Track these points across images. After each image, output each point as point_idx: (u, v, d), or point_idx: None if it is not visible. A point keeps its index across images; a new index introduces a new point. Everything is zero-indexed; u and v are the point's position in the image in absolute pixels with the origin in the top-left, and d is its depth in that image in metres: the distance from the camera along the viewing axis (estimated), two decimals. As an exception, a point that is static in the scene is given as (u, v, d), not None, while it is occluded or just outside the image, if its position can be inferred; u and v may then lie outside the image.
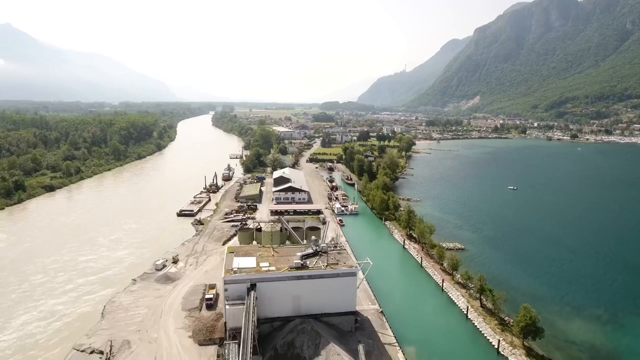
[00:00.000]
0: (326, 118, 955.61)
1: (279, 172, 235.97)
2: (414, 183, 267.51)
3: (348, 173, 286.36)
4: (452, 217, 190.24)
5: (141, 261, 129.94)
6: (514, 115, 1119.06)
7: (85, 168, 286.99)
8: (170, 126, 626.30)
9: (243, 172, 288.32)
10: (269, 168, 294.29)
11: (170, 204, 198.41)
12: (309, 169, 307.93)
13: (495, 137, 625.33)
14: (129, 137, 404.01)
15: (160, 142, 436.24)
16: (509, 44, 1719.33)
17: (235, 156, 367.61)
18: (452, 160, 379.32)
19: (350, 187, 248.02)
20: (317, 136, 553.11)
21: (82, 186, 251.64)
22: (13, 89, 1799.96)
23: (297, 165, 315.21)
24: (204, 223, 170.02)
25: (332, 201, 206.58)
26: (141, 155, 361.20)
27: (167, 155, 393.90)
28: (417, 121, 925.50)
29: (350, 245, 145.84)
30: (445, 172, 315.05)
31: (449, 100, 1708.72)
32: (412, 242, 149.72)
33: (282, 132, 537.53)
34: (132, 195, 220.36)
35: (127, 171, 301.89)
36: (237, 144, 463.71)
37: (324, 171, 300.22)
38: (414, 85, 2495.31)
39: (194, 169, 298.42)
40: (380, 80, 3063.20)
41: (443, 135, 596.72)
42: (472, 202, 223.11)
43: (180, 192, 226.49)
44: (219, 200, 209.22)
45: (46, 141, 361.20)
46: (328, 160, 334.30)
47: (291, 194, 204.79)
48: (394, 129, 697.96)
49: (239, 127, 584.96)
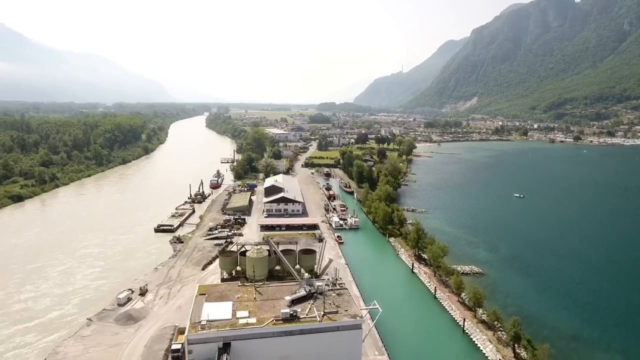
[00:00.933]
0: (323, 119, 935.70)
1: (271, 180, 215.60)
2: (417, 191, 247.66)
3: (346, 180, 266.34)
4: (462, 231, 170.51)
5: (102, 293, 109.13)
6: (513, 117, 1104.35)
7: (62, 175, 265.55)
8: (161, 128, 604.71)
9: (233, 178, 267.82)
10: (261, 174, 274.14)
11: (149, 217, 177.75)
12: (304, 174, 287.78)
13: (497, 140, 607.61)
14: (114, 141, 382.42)
15: (148, 145, 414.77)
16: (507, 45, 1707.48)
17: (226, 160, 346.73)
18: (455, 165, 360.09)
19: (349, 196, 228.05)
20: (313, 138, 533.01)
21: (56, 195, 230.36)
22: (8, 90, 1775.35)
23: (291, 171, 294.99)
24: (184, 241, 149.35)
25: (329, 213, 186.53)
26: (126, 159, 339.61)
27: (154, 159, 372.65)
28: (415, 122, 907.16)
29: (350, 269, 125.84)
30: (449, 178, 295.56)
31: (446, 101, 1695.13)
32: (422, 264, 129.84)
33: (277, 134, 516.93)
34: (107, 207, 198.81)
35: (108, 178, 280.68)
36: (230, 147, 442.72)
37: (320, 177, 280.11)
38: (411, 86, 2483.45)
39: (180, 175, 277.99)
40: (377, 81, 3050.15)
41: (443, 138, 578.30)
42: (481, 213, 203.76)
43: (162, 202, 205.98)
44: (204, 212, 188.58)
45: (24, 145, 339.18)
46: (325, 165, 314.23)
47: (284, 205, 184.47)
48: (392, 130, 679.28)
49: (232, 129, 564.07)
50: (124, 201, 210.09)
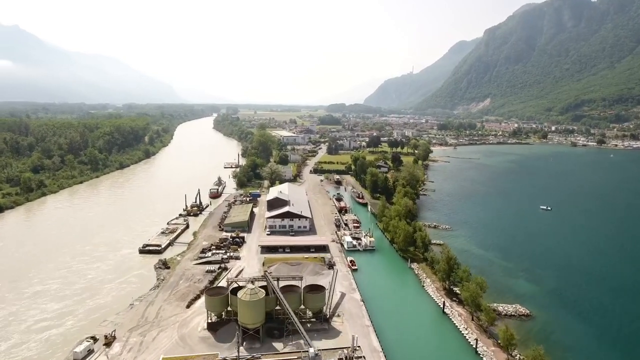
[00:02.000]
0: (332, 121, 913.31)
1: (275, 191, 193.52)
2: (437, 202, 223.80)
3: (359, 188, 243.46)
4: (494, 254, 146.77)
5: (55, 345, 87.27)
6: (528, 118, 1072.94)
7: (51, 181, 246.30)
8: (166, 130, 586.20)
9: (236, 186, 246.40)
10: (265, 182, 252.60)
11: (135, 234, 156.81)
12: (312, 182, 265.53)
13: (515, 143, 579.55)
14: (113, 143, 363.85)
15: (149, 148, 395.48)
16: (520, 45, 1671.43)
17: (230, 165, 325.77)
18: (475, 171, 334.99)
19: (361, 208, 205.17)
20: (322, 141, 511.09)
21: (41, 205, 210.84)
22: (20, 91, 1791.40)
23: (299, 178, 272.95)
24: (171, 266, 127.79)
25: (340, 229, 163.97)
26: (124, 164, 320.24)
27: (155, 163, 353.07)
28: (428, 124, 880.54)
29: (366, 307, 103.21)
30: (470, 186, 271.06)
31: (458, 103, 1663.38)
32: (455, 302, 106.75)
33: (285, 136, 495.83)
34: (91, 220, 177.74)
35: (101, 184, 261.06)
36: (235, 150, 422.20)
37: (330, 185, 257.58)
38: (421, 87, 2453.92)
39: (179, 182, 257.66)
40: (387, 82, 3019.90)
41: (459, 141, 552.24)
42: (509, 229, 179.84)
43: (153, 214, 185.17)
44: (199, 228, 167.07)
45: (18, 148, 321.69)
46: (335, 171, 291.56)
47: (289, 220, 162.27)
48: (404, 133, 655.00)
49: (238, 131, 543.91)
50: (111, 213, 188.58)
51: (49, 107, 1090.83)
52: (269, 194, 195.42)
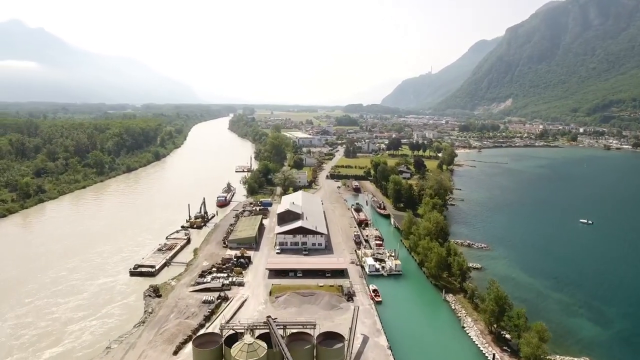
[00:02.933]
0: (350, 122, 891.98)
1: (287, 200, 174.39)
2: (467, 213, 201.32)
3: (379, 197, 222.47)
4: (544, 282, 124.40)
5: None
6: (553, 119, 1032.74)
7: (53, 186, 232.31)
8: (179, 130, 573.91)
9: (246, 193, 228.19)
10: (278, 188, 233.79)
11: (128, 251, 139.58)
12: (329, 189, 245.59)
13: (543, 145, 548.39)
14: (122, 145, 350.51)
15: (159, 150, 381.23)
16: (544, 44, 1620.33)
17: (242, 169, 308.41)
18: (504, 177, 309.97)
19: (383, 220, 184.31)
20: (339, 143, 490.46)
21: (39, 212, 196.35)
22: (45, 91, 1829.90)
23: (314, 184, 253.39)
24: (163, 293, 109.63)
25: (360, 248, 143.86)
26: (131, 167, 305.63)
27: (164, 166, 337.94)
28: (448, 126, 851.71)
29: (394, 357, 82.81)
30: (502, 195, 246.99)
31: (478, 103, 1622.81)
32: (506, 351, 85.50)
33: (301, 138, 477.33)
34: (81, 234, 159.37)
35: (104, 190, 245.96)
36: (249, 152, 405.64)
37: (348, 193, 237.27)
38: (440, 87, 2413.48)
39: (187, 187, 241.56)
40: (405, 82, 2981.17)
41: (483, 143, 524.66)
42: (553, 248, 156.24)
43: (153, 226, 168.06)
44: (201, 243, 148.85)
45: (24, 150, 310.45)
46: (353, 177, 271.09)
47: (302, 237, 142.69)
48: (425, 134, 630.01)
49: (252, 132, 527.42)
50: (106, 225, 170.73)
51: (69, 107, 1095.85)
52: (281, 204, 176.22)
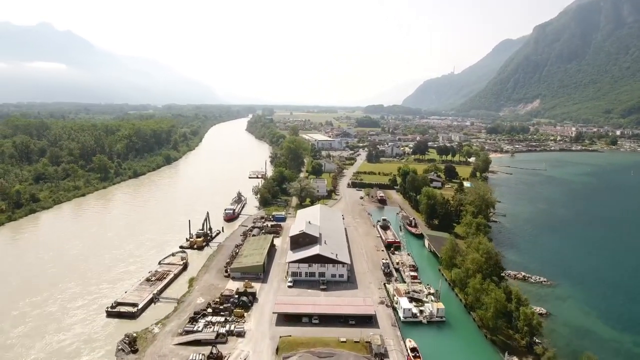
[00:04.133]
0: (371, 123, 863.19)
1: (303, 217, 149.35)
2: (514, 233, 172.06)
3: (408, 210, 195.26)
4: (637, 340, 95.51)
5: None
6: (584, 121, 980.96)
7: (48, 194, 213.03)
8: (195, 132, 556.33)
9: (258, 204, 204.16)
10: (294, 199, 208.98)
11: (110, 283, 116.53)
12: (351, 199, 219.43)
13: (581, 150, 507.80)
14: (131, 148, 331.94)
15: (171, 153, 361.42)
16: (574, 42, 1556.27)
17: (256, 174, 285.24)
18: (548, 187, 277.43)
19: (415, 241, 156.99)
20: (361, 146, 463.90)
21: (26, 225, 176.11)
22: (72, 92, 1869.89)
23: (335, 193, 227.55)
24: (140, 345, 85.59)
25: (391, 280, 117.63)
26: (138, 171, 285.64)
27: (174, 171, 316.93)
28: (474, 127, 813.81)
29: None
30: (551, 209, 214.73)
31: (504, 104, 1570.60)
32: None
33: (320, 141, 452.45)
34: (59, 257, 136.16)
35: (106, 198, 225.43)
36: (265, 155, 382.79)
37: (372, 204, 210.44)
38: (463, 87, 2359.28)
39: (194, 196, 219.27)
40: (427, 83, 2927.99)
41: (515, 147, 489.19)
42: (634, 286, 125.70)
43: (148, 246, 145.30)
44: (199, 272, 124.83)
45: (28, 153, 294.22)
46: (377, 185, 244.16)
47: (319, 266, 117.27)
48: (450, 136, 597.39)
49: (270, 134, 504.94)
50: (88, 247, 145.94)
51: (92, 107, 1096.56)
52: (295, 221, 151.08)
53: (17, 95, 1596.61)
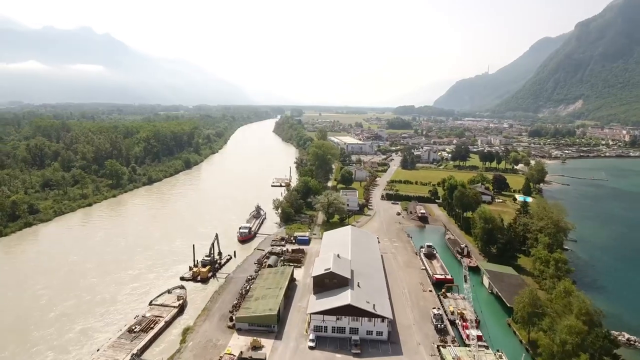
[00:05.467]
0: (402, 125, 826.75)
1: (329, 244, 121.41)
2: (592, 266, 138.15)
3: (456, 232, 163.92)
4: None
5: None
6: (634, 124, 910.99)
7: (52, 204, 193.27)
8: (220, 134, 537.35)
9: (280, 219, 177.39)
10: (320, 214, 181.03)
11: (82, 335, 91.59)
12: (386, 215, 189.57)
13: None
14: (149, 151, 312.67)
15: (192, 157, 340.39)
16: (620, 40, 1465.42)
17: (279, 182, 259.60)
18: (615, 202, 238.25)
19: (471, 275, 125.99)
20: (393, 150, 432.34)
21: (18, 241, 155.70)
22: (110, 93, 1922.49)
23: (367, 207, 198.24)
24: None
25: (446, 342, 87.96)
26: (154, 177, 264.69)
27: (191, 177, 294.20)
28: (513, 130, 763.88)
29: None
30: (631, 234, 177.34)
31: (543, 105, 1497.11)
32: None
33: (350, 144, 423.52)
34: (32, 295, 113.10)
35: (113, 208, 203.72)
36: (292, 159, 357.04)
37: (411, 222, 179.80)
38: (498, 88, 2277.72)
39: (209, 208, 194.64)
40: (459, 83, 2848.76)
41: (564, 152, 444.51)
42: None
43: (142, 277, 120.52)
44: (197, 316, 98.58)
45: (42, 157, 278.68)
46: (415, 198, 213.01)
47: (351, 320, 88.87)
48: (489, 140, 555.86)
49: (297, 136, 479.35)
50: (75, 276, 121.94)
51: (125, 108, 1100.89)
52: (321, 250, 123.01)
53: (59, 96, 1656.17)
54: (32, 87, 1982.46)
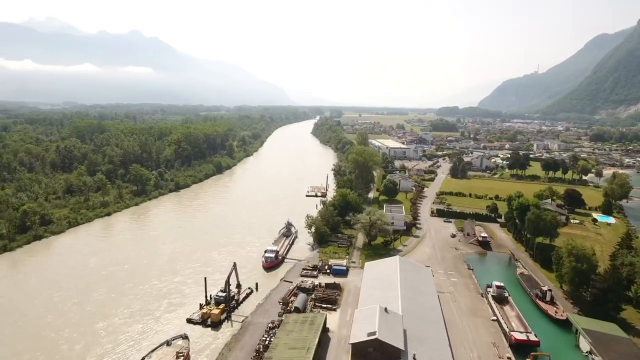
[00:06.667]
0: (447, 127, 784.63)
1: (372, 284, 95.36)
2: None
3: (529, 264, 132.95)
4: None
5: None
6: None
7: (69, 212, 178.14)
8: (256, 135, 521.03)
9: (312, 240, 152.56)
10: (360, 235, 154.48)
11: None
12: (438, 237, 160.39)
13: None
14: (180, 154, 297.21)
15: (224, 160, 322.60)
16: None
17: (314, 192, 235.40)
18: None
19: (556, 332, 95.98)
20: (440, 155, 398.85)
21: (23, 257, 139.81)
22: (158, 94, 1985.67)
23: (415, 226, 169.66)
24: None
25: None
26: (181, 184, 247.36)
27: (222, 183, 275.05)
28: (571, 133, 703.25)
29: None
30: None
31: (600, 106, 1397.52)
32: None
33: (392, 148, 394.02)
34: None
35: (133, 218, 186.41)
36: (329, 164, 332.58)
37: (469, 247, 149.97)
38: (548, 88, 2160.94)
39: (231, 225, 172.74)
40: (506, 84, 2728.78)
41: (637, 160, 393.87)
42: None
43: (139, 320, 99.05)
44: (197, 388, 75.44)
45: (71, 159, 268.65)
46: (472, 216, 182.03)
47: (405, 414, 62.51)
48: (546, 144, 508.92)
49: (335, 139, 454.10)
50: (51, 317, 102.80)
51: (169, 108, 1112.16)
52: (362, 291, 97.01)
53: (110, 97, 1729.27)
54: (86, 88, 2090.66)
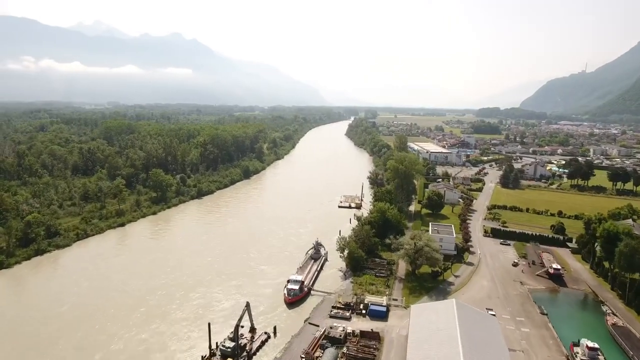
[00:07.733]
0: (489, 129, 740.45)
1: (423, 337, 71.29)
2: None
3: (621, 311, 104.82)
4: None
5: None
6: None
7: (79, 222, 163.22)
8: (288, 137, 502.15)
9: (345, 265, 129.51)
10: (402, 262, 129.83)
11: None
12: (495, 266, 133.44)
13: None
14: (206, 157, 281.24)
15: (252, 164, 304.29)
16: None
17: (348, 203, 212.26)
18: None
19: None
20: (485, 160, 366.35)
21: (22, 274, 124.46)
22: (196, 95, 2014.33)
23: (468, 251, 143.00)
24: None
25: None
26: (204, 190, 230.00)
27: (247, 190, 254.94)
28: (628, 137, 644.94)
29: None
30: None
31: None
32: None
33: (433, 153, 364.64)
34: None
35: (148, 230, 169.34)
36: (365, 169, 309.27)
37: (536, 280, 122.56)
38: (597, 88, 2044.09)
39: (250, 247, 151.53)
40: (551, 84, 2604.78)
41: None
42: None
43: None
44: None
45: (94, 161, 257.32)
46: (534, 238, 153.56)
47: None
48: (604, 150, 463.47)
49: (371, 142, 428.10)
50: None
51: (205, 109, 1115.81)
52: (409, 355, 73.13)
53: (151, 97, 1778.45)
54: (129, 89, 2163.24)
